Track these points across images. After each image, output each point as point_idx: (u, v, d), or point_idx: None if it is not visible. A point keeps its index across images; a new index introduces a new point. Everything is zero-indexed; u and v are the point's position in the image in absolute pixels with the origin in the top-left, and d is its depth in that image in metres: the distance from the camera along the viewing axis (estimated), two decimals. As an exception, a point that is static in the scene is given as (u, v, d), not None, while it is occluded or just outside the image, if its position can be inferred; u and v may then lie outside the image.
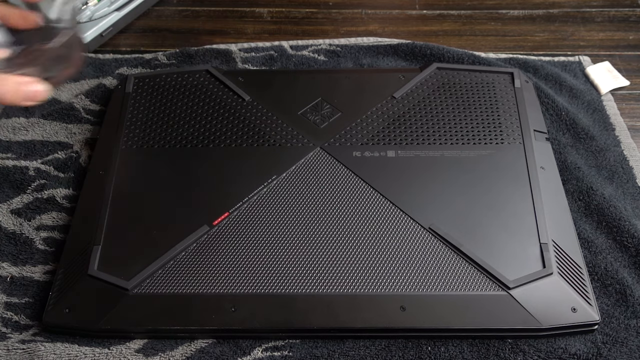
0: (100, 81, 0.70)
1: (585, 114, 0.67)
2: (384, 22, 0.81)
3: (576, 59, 0.74)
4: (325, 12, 0.83)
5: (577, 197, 0.58)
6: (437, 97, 0.64)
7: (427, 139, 0.60)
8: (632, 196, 0.59)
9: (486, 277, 0.49)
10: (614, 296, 0.51)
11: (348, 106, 0.63)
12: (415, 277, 0.50)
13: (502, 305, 0.48)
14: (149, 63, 0.72)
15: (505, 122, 0.62)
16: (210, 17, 0.82)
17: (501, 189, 0.56)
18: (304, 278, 0.50)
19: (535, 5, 0.84)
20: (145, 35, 0.79)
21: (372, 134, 0.60)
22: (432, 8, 0.84)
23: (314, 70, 0.71)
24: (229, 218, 0.53)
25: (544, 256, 0.51)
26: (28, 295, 0.52)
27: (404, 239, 0.52)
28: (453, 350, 0.48)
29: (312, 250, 0.51)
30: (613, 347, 0.48)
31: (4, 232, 0.56)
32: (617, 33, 0.79)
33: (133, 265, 0.50)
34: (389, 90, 0.65)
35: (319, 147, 0.59)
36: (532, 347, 0.48)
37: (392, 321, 0.48)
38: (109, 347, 0.48)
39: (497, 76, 0.66)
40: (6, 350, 0.47)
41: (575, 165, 0.61)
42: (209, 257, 0.51)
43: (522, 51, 0.76)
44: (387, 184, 0.56)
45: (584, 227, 0.56)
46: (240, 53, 0.74)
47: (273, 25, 0.81)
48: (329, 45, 0.75)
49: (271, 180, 0.56)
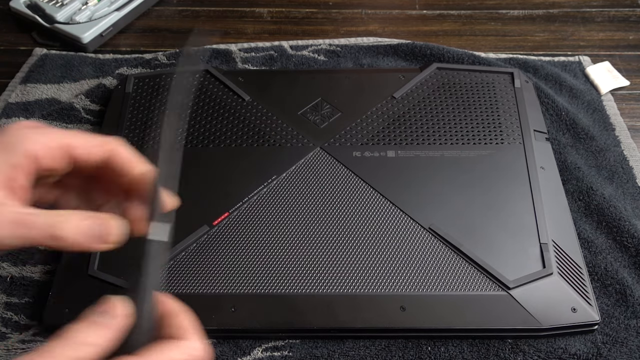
0: (100, 81, 0.70)
1: (585, 114, 0.67)
2: (384, 22, 0.81)
3: (576, 59, 0.74)
4: (325, 12, 0.83)
5: (577, 197, 0.58)
6: (437, 97, 0.64)
7: (427, 139, 0.60)
8: (632, 196, 0.59)
9: (486, 277, 0.49)
10: (614, 296, 0.51)
11: (348, 106, 0.63)
12: (415, 277, 0.50)
13: (502, 305, 0.48)
14: (149, 63, 0.72)
15: (505, 122, 0.62)
16: (210, 17, 0.82)
17: (501, 189, 0.56)
18: (304, 278, 0.50)
19: (535, 5, 0.84)
20: (145, 35, 0.79)
21: (372, 134, 0.60)
22: (432, 8, 0.84)
23: (314, 70, 0.71)
24: (229, 218, 0.53)
25: (543, 256, 0.51)
26: (28, 295, 0.52)
27: (404, 239, 0.52)
28: (453, 350, 0.48)
29: (312, 250, 0.51)
30: (613, 347, 0.48)
31: (4, 232, 0.56)
32: (617, 33, 0.79)
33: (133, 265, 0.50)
34: (389, 90, 0.65)
35: (319, 147, 0.59)
36: (532, 347, 0.48)
37: (392, 321, 0.48)
38: (109, 347, 0.48)
39: (497, 76, 0.66)
40: (6, 350, 0.47)
41: (575, 165, 0.61)
42: (209, 257, 0.51)
43: (522, 51, 0.76)
44: (387, 184, 0.56)
45: (584, 227, 0.56)
46: (240, 53, 0.74)
47: (273, 25, 0.81)
48: (329, 45, 0.75)
49: (271, 180, 0.56)
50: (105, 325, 0.31)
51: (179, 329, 0.33)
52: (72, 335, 0.30)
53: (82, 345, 0.30)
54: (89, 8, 0.77)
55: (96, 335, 0.31)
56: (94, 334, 0.31)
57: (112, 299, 0.32)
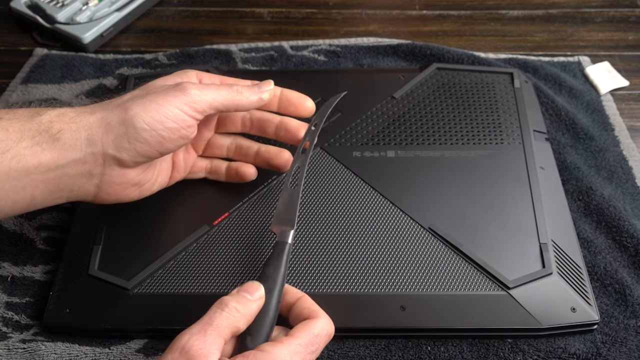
0: (100, 81, 0.70)
1: (585, 114, 0.67)
2: (384, 22, 0.81)
3: (576, 59, 0.74)
4: (325, 12, 0.83)
5: (577, 197, 0.59)
6: (437, 97, 0.64)
7: (427, 139, 0.60)
8: (632, 196, 0.59)
9: (486, 277, 0.49)
10: (614, 296, 0.52)
11: (348, 106, 0.63)
12: (415, 277, 0.50)
13: (501, 305, 0.48)
14: (150, 63, 0.73)
15: (505, 122, 0.62)
16: (210, 17, 0.82)
17: (501, 189, 0.56)
18: (303, 278, 0.50)
19: (535, 5, 0.84)
20: (145, 36, 0.79)
21: (372, 134, 0.61)
22: (432, 8, 0.84)
23: (314, 70, 0.71)
24: (229, 218, 0.54)
25: (543, 256, 0.51)
26: (29, 295, 0.52)
27: (404, 239, 0.52)
28: (453, 350, 0.48)
29: (312, 250, 0.51)
30: (612, 347, 0.48)
31: (5, 232, 0.56)
32: (616, 33, 0.79)
33: (133, 265, 0.50)
34: (388, 90, 0.65)
35: (319, 147, 0.59)
36: (531, 346, 0.48)
37: (392, 321, 0.48)
38: (109, 347, 0.48)
39: (497, 76, 0.66)
40: (7, 349, 0.47)
41: (575, 165, 0.61)
42: (209, 257, 0.51)
43: (521, 51, 0.76)
44: (387, 184, 0.56)
45: (583, 227, 0.56)
46: (240, 53, 0.74)
47: (273, 26, 0.81)
48: (329, 46, 0.75)
49: (271, 180, 0.56)
50: (250, 301, 0.40)
51: (310, 310, 0.42)
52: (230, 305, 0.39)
53: (238, 314, 0.39)
54: (89, 8, 0.77)
55: (244, 307, 0.39)
56: (242, 306, 0.39)
57: (254, 283, 0.41)
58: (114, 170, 0.45)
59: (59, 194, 0.44)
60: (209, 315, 0.38)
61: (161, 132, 0.44)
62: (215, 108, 0.47)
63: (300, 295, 0.43)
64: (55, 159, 0.42)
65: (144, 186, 0.49)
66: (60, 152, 0.42)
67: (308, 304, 0.42)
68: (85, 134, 0.43)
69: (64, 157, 0.42)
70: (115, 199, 0.48)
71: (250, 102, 0.49)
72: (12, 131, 0.41)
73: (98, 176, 0.45)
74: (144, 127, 0.43)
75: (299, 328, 0.40)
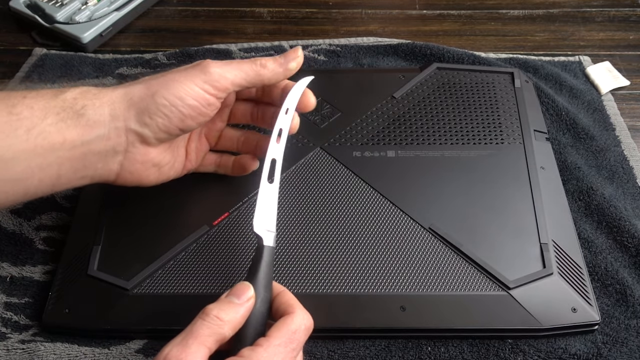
0: (100, 81, 0.70)
1: (586, 114, 0.67)
2: (384, 22, 0.81)
3: (576, 59, 0.74)
4: (325, 12, 0.83)
5: (577, 197, 0.58)
6: (437, 97, 0.64)
7: (427, 139, 0.60)
8: (633, 196, 0.59)
9: (486, 277, 0.49)
10: (614, 296, 0.51)
11: (348, 106, 0.63)
12: (415, 277, 0.49)
13: (502, 305, 0.48)
14: (149, 63, 0.72)
15: (505, 122, 0.62)
16: (210, 17, 0.82)
17: (501, 189, 0.56)
18: (303, 278, 0.50)
19: (535, 5, 0.84)
20: (145, 35, 0.79)
21: (372, 134, 0.60)
22: (432, 8, 0.84)
23: (314, 70, 0.71)
24: (229, 218, 0.53)
25: (544, 256, 0.51)
26: (28, 295, 0.52)
27: (404, 239, 0.52)
28: (453, 351, 0.48)
29: (312, 250, 0.51)
30: (613, 347, 0.48)
31: (3, 232, 0.56)
32: (617, 33, 0.79)
33: (133, 265, 0.50)
34: (389, 90, 0.65)
35: (319, 147, 0.59)
36: (532, 347, 0.48)
37: (392, 321, 0.48)
38: (109, 347, 0.48)
39: (497, 76, 0.66)
40: (6, 350, 0.47)
41: (576, 165, 0.61)
42: (209, 257, 0.51)
43: (522, 51, 0.76)
44: (387, 184, 0.56)
45: (584, 227, 0.56)
46: (240, 53, 0.74)
47: (273, 25, 0.81)
48: (329, 45, 0.75)
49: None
50: (238, 305, 0.39)
51: (287, 305, 0.41)
52: (211, 315, 0.38)
53: (221, 322, 0.38)
54: (88, 8, 0.77)
55: (228, 314, 0.38)
56: (231, 312, 0.38)
57: (244, 284, 0.40)
58: (137, 148, 0.46)
59: (84, 172, 0.45)
60: (191, 325, 0.38)
61: (181, 108, 0.45)
62: (239, 85, 0.47)
63: (280, 290, 0.43)
64: (80, 135, 0.43)
65: (163, 168, 0.49)
66: (85, 128, 0.43)
67: (285, 298, 0.42)
68: (109, 109, 0.44)
69: (88, 134, 0.43)
70: (137, 180, 0.48)
71: (275, 75, 0.48)
72: (37, 109, 0.41)
73: (122, 153, 0.45)
74: (164, 102, 0.44)
75: (277, 327, 0.39)
